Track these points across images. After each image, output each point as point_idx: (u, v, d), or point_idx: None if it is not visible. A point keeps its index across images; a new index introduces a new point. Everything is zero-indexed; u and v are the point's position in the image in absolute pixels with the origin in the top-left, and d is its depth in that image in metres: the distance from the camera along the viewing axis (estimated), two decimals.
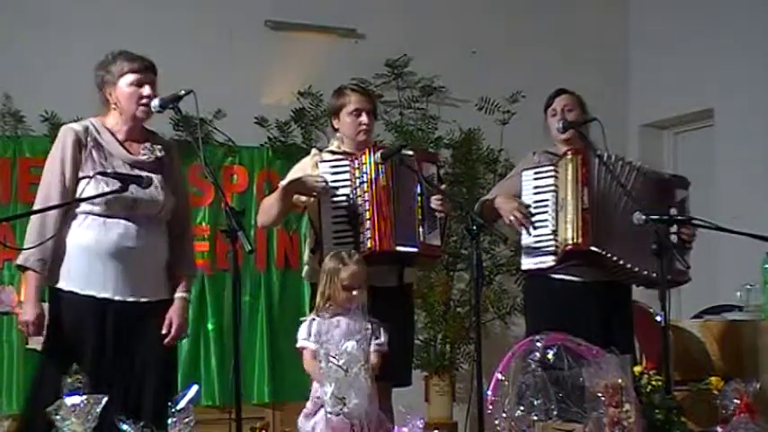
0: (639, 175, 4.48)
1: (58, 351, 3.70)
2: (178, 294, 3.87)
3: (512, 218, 4.41)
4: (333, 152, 4.29)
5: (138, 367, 3.73)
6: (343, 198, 4.15)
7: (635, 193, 4.35)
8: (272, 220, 4.38)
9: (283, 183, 4.30)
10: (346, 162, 4.18)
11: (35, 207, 3.74)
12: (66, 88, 5.56)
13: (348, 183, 4.16)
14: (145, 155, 3.83)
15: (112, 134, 3.83)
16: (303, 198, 4.24)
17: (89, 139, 3.78)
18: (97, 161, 3.75)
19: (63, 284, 3.74)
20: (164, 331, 3.79)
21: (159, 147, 3.88)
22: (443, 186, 4.28)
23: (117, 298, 3.73)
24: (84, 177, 3.73)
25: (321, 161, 4.21)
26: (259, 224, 4.53)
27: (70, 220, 3.74)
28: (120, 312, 3.72)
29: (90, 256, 3.72)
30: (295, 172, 4.33)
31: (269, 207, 4.29)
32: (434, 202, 4.18)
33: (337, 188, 4.15)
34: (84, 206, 3.73)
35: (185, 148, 4.31)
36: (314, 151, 4.40)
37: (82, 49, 5.66)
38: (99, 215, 3.72)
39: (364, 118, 4.27)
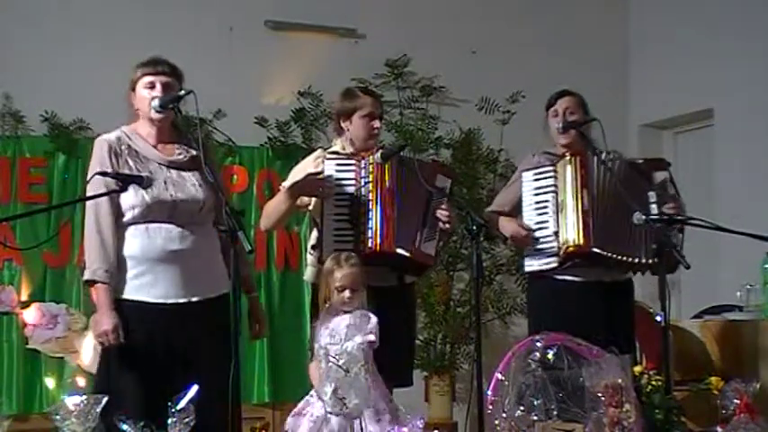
0: (622, 165, 4.49)
1: (121, 358, 3.73)
2: (253, 294, 4.03)
3: (513, 238, 4.49)
4: (337, 153, 4.29)
5: (205, 365, 3.68)
6: (347, 197, 4.15)
7: (625, 185, 4.35)
8: (276, 223, 4.37)
9: (286, 184, 4.30)
10: (353, 162, 4.19)
11: (87, 223, 3.76)
12: (67, 88, 5.58)
13: (353, 182, 4.17)
14: (180, 154, 3.85)
15: (144, 139, 3.84)
16: (306, 199, 4.25)
17: (122, 147, 3.80)
18: (133, 167, 3.77)
19: (117, 294, 3.75)
20: (253, 332, 4.01)
21: (193, 144, 3.88)
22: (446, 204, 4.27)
23: (168, 301, 3.74)
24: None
25: (327, 158, 4.21)
26: (263, 228, 4.53)
27: (122, 232, 3.76)
28: (173, 315, 3.73)
29: (137, 264, 3.74)
30: (297, 172, 4.32)
31: (273, 210, 4.28)
32: (440, 212, 4.19)
33: (342, 186, 4.16)
34: (127, 216, 3.75)
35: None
36: (318, 152, 4.39)
37: (82, 49, 5.69)
38: (140, 222, 3.75)
39: (376, 122, 4.29)
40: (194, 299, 3.77)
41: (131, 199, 3.72)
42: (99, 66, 5.59)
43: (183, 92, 3.76)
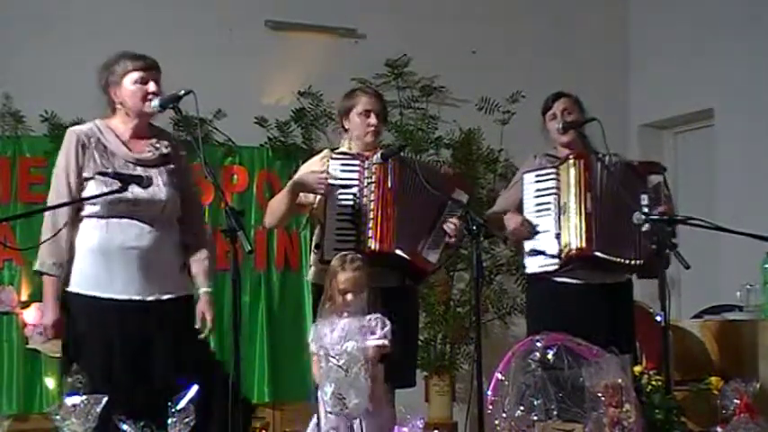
0: (620, 167, 4.49)
1: (71, 353, 3.73)
2: (203, 289, 3.88)
3: (515, 231, 4.47)
4: (344, 153, 4.30)
5: (161, 368, 3.69)
6: (350, 197, 4.16)
7: (623, 186, 4.35)
8: (279, 221, 4.39)
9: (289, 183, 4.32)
10: (357, 162, 4.20)
11: (45, 214, 3.75)
12: (67, 88, 5.56)
13: (356, 182, 4.18)
14: (149, 152, 3.83)
15: (116, 134, 3.83)
16: (310, 197, 4.25)
17: (92, 140, 3.80)
18: (99, 161, 3.76)
19: (71, 287, 3.75)
20: (198, 326, 3.81)
21: (165, 143, 3.88)
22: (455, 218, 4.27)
23: (123, 297, 3.72)
24: (88, 179, 3.75)
25: (333, 158, 4.22)
26: (266, 225, 4.55)
27: (78, 224, 3.75)
28: (127, 312, 3.72)
29: (95, 257, 3.73)
30: (303, 170, 4.35)
31: (276, 207, 4.31)
32: (448, 224, 4.20)
33: (345, 186, 4.16)
34: (87, 209, 3.74)
35: (185, 148, 4.31)
36: (325, 152, 4.40)
37: (82, 49, 5.67)
38: (102, 217, 3.73)
39: (373, 119, 4.29)
40: (150, 298, 3.75)
41: (94, 192, 3.70)
42: (99, 66, 5.58)
43: (183, 92, 3.75)
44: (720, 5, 6.45)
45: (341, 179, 4.16)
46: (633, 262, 4.37)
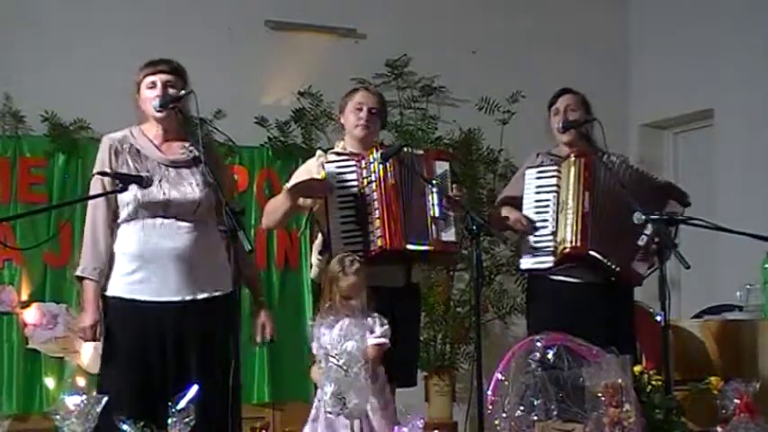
0: (636, 175, 4.48)
1: (113, 356, 3.78)
2: (260, 298, 4.02)
3: (514, 222, 4.46)
4: (338, 153, 4.30)
5: (195, 365, 3.71)
6: (351, 198, 4.16)
7: (631, 192, 4.35)
8: (276, 223, 4.39)
9: (288, 185, 4.31)
10: (353, 162, 4.19)
11: (86, 220, 3.84)
12: (67, 88, 5.57)
13: (355, 183, 4.17)
14: (183, 154, 3.85)
15: (149, 138, 3.86)
16: (309, 200, 4.25)
17: (125, 145, 3.84)
18: (131, 165, 3.80)
19: (110, 291, 3.78)
20: (258, 338, 3.96)
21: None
22: (455, 186, 4.27)
23: (161, 299, 3.74)
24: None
25: (327, 162, 4.22)
26: (264, 226, 4.55)
27: (116, 230, 3.80)
28: (165, 314, 3.73)
29: (132, 260, 3.76)
30: (300, 174, 4.34)
31: (274, 210, 4.30)
32: (449, 196, 4.17)
33: (344, 188, 4.16)
34: (123, 213, 3.78)
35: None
36: (319, 153, 4.40)
37: (82, 50, 5.69)
38: (137, 219, 3.76)
39: (363, 113, 4.28)
40: (188, 297, 3.77)
41: (126, 197, 3.75)
42: (99, 66, 5.59)
43: (183, 92, 3.77)
44: (720, 6, 6.45)
45: (339, 182, 4.16)
46: (614, 267, 4.36)
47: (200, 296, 3.78)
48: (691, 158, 6.89)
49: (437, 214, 4.18)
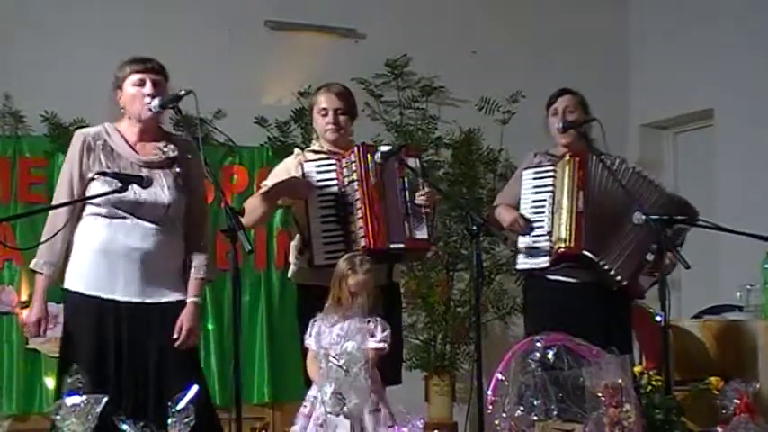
0: (651, 187, 4.46)
1: (67, 351, 3.76)
2: (189, 299, 3.84)
3: (511, 224, 4.47)
4: (315, 151, 4.30)
5: (153, 370, 3.71)
6: (332, 197, 4.16)
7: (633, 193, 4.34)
8: (257, 222, 4.38)
9: (267, 183, 4.30)
10: (332, 162, 4.20)
11: (50, 213, 3.79)
12: (67, 88, 5.57)
13: (335, 182, 4.17)
14: (156, 155, 3.83)
15: (124, 137, 3.84)
16: (289, 199, 4.25)
17: (98, 142, 3.81)
18: (104, 163, 3.77)
19: (69, 285, 3.77)
20: (174, 335, 3.76)
21: (173, 147, 3.87)
22: (425, 182, 4.27)
23: (123, 299, 3.73)
24: (92, 179, 3.76)
25: (306, 161, 4.22)
26: (245, 224, 4.55)
27: (78, 222, 3.77)
28: (125, 314, 3.73)
29: (96, 256, 3.74)
30: (278, 172, 4.33)
31: (253, 209, 4.26)
32: (419, 198, 4.19)
33: (324, 188, 4.15)
34: (90, 208, 3.75)
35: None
36: (297, 151, 4.42)
37: (82, 50, 5.69)
38: (105, 216, 3.74)
39: (329, 117, 4.29)
40: (149, 300, 3.76)
41: (98, 191, 3.71)
42: (99, 66, 5.52)
43: (183, 92, 3.75)
44: (720, 6, 6.45)
45: (318, 181, 4.16)
46: (617, 277, 4.35)
47: (163, 300, 3.78)
48: (691, 158, 6.88)
49: (410, 211, 4.18)
